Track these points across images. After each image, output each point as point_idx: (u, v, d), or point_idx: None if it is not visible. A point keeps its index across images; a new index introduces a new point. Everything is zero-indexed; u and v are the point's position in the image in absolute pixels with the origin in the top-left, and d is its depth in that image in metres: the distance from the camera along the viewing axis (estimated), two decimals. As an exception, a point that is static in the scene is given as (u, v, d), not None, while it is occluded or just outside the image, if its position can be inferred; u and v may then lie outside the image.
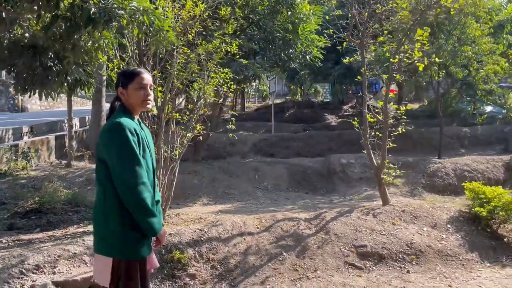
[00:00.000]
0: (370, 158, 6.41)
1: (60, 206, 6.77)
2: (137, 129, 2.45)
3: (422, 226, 5.56)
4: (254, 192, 9.04)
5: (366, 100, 6.53)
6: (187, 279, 4.38)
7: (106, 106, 12.39)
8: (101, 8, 4.14)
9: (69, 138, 10.51)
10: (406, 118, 6.44)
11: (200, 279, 4.43)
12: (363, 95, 6.58)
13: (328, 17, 8.59)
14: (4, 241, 4.93)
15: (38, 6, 4.33)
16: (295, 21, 9.29)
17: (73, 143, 10.78)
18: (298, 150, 14.09)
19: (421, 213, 5.83)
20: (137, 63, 5.76)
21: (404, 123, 6.65)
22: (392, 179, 6.30)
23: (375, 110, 6.52)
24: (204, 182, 8.97)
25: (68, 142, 10.51)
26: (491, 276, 4.58)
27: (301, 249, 4.98)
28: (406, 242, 5.12)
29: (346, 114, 21.01)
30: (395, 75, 6.22)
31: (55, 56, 5.94)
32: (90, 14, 4.13)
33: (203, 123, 7.67)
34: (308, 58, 9.76)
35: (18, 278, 3.60)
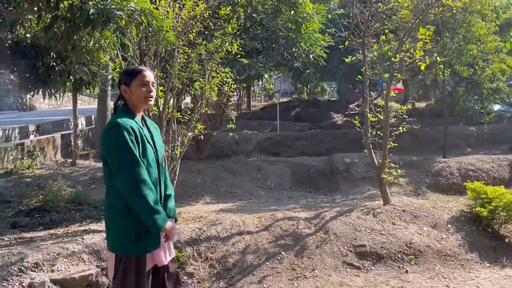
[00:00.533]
0: (371, 158, 6.39)
1: (63, 205, 6.83)
2: (135, 127, 2.49)
3: (422, 226, 5.54)
4: (257, 191, 9.07)
5: (368, 99, 6.50)
6: (185, 278, 4.41)
7: (111, 104, 12.50)
8: (99, 9, 4.18)
9: (74, 137, 10.59)
10: (410, 117, 6.43)
11: (198, 278, 4.46)
12: (365, 94, 6.56)
13: (330, 16, 8.53)
14: (6, 239, 5.00)
15: (38, 7, 4.39)
16: (298, 20, 9.27)
17: (78, 142, 10.87)
18: (303, 149, 14.07)
19: (421, 213, 5.81)
20: (138, 63, 5.81)
21: (405, 122, 6.64)
22: (393, 179, 6.28)
23: (377, 109, 6.50)
24: (207, 181, 9.01)
25: (73, 141, 10.60)
26: (490, 276, 4.55)
27: (299, 248, 4.99)
28: (405, 242, 5.10)
29: (353, 113, 20.93)
30: (396, 74, 6.19)
31: (58, 56, 6.02)
32: (89, 15, 4.18)
33: (205, 123, 7.71)
34: (311, 57, 9.74)
35: (17, 276, 3.65)
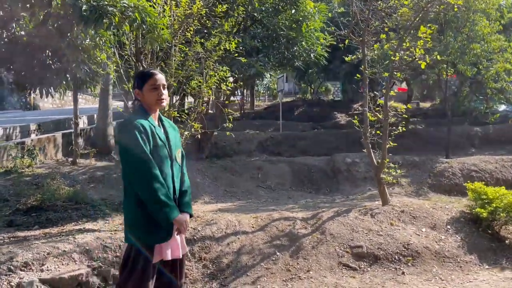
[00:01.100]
0: (370, 157, 6.31)
1: (60, 204, 6.81)
2: (146, 126, 2.63)
3: (421, 227, 5.45)
4: (257, 191, 9.00)
5: (367, 98, 6.42)
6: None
7: (113, 104, 12.49)
8: (92, 5, 4.15)
9: (74, 136, 10.58)
10: (414, 117, 6.36)
11: (190, 278, 4.41)
12: (364, 94, 6.48)
13: (330, 14, 8.46)
14: (0, 237, 4.98)
15: (31, 4, 4.36)
16: (299, 19, 9.20)
17: (79, 141, 10.87)
18: (305, 148, 14.00)
19: (420, 213, 5.72)
20: (134, 61, 5.77)
21: (405, 122, 6.55)
22: (392, 179, 6.19)
23: (376, 108, 6.42)
24: (206, 180, 8.96)
25: (74, 140, 10.59)
26: (488, 278, 4.46)
27: (295, 249, 4.92)
28: (403, 243, 5.02)
29: (356, 112, 20.81)
30: (396, 73, 6.11)
31: (54, 54, 5.99)
32: (82, 11, 4.14)
33: (205, 122, 7.64)
34: (312, 56, 9.66)
35: (5, 275, 3.61)
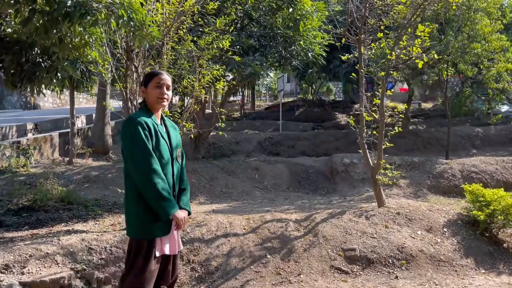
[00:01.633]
0: (366, 158, 6.19)
1: (52, 204, 6.73)
2: (149, 123, 2.74)
3: (417, 229, 5.32)
4: (253, 191, 8.89)
5: (363, 98, 6.30)
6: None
7: (111, 103, 12.40)
8: (77, 1, 4.04)
9: (71, 136, 10.51)
10: (415, 117, 6.23)
11: (178, 282, 4.29)
12: (360, 93, 6.35)
13: (327, 13, 8.34)
14: (-15, 238, 4.89)
15: (15, 0, 4.25)
16: (297, 17, 9.08)
17: (75, 141, 10.78)
18: (304, 149, 13.88)
19: (416, 215, 5.59)
20: (125, 59, 5.67)
21: (400, 122, 6.42)
22: (388, 180, 6.06)
23: (372, 108, 6.30)
24: (202, 181, 8.85)
25: (70, 140, 10.51)
26: (484, 283, 4.33)
27: (286, 251, 4.81)
28: (397, 246, 4.90)
29: (357, 113, 20.67)
30: (392, 72, 5.98)
31: (45, 52, 5.90)
32: (66, 7, 4.04)
33: (201, 121, 7.51)
34: (310, 55, 9.54)
35: (-16, 278, 3.52)
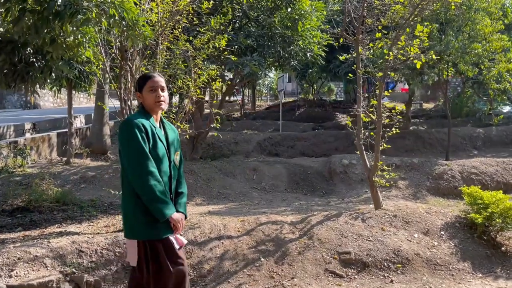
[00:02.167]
0: (363, 159, 6.11)
1: (47, 205, 6.68)
2: (147, 125, 2.72)
3: (413, 232, 5.24)
4: (250, 192, 8.82)
5: (361, 98, 6.22)
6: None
7: (109, 103, 12.36)
8: (67, 0, 3.98)
9: (69, 135, 10.47)
10: (417, 118, 6.15)
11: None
12: (357, 94, 6.28)
13: (325, 12, 8.26)
14: (-24, 240, 4.83)
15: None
16: (295, 17, 9.01)
17: (73, 141, 10.74)
18: (304, 149, 13.82)
19: (413, 218, 5.51)
20: (119, 59, 5.62)
21: (401, 122, 6.35)
22: (385, 182, 5.98)
23: (370, 109, 6.22)
24: (199, 181, 8.79)
25: (68, 139, 10.47)
26: (481, 288, 4.26)
27: (280, 254, 4.74)
28: (393, 250, 4.82)
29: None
30: (390, 73, 5.91)
31: (39, 51, 5.84)
32: (56, 6, 3.99)
33: (199, 121, 7.42)
34: (309, 56, 9.47)
35: (-29, 281, 3.46)
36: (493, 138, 14.52)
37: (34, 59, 5.82)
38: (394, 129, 5.93)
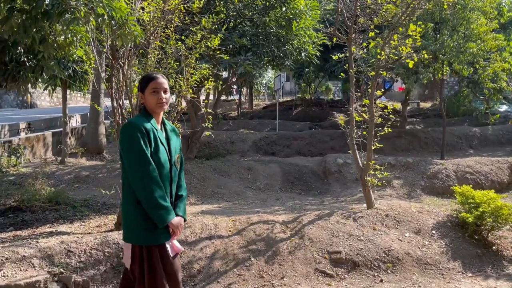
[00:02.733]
0: (356, 159, 6.11)
1: (39, 205, 6.66)
2: (148, 128, 2.68)
3: (405, 231, 5.24)
4: (245, 192, 8.81)
5: (353, 97, 6.22)
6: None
7: (105, 103, 12.33)
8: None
9: (63, 135, 10.44)
10: (413, 117, 6.14)
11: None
12: (350, 93, 6.27)
13: (319, 11, 8.24)
14: (-34, 240, 4.82)
15: (-6, -2, 4.19)
16: (290, 16, 8.99)
17: (68, 140, 10.72)
18: (300, 148, 13.80)
19: (405, 217, 5.51)
20: (110, 59, 5.60)
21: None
22: (377, 182, 5.98)
23: (362, 108, 6.22)
24: (193, 181, 8.77)
25: (62, 139, 10.45)
26: (471, 287, 4.26)
27: (271, 254, 4.73)
28: (383, 249, 4.82)
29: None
30: (382, 72, 5.90)
31: (29, 51, 5.82)
32: (44, 5, 3.97)
33: (192, 121, 7.42)
34: (303, 55, 9.45)
35: (-43, 281, 3.45)
36: (489, 137, 14.53)
37: (25, 59, 5.79)
38: (386, 128, 5.93)
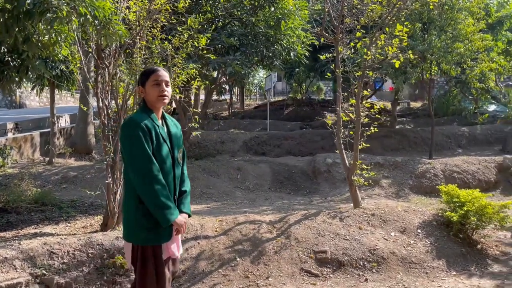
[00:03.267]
0: (342, 158, 6.13)
1: (25, 206, 6.61)
2: (149, 124, 2.62)
3: (390, 231, 5.27)
4: (234, 192, 8.80)
5: (340, 98, 6.24)
6: (129, 286, 4.16)
7: (94, 102, 12.24)
8: (36, -1, 3.93)
9: (51, 135, 10.36)
10: (403, 117, 6.17)
11: (143, 286, 4.20)
12: (337, 93, 6.29)
13: (306, 11, 8.26)
14: None
15: (-26, -2, 4.14)
16: (278, 16, 9.00)
17: (56, 140, 10.64)
18: (290, 148, 13.80)
19: (391, 216, 5.54)
20: (95, 58, 5.56)
21: (376, 123, 6.38)
22: (364, 181, 6.00)
23: (349, 108, 6.24)
24: (182, 181, 8.73)
25: (50, 139, 10.37)
26: (454, 286, 4.28)
27: (257, 254, 4.73)
28: (369, 248, 4.84)
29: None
30: (368, 72, 5.93)
31: (14, 50, 5.76)
32: (26, 5, 3.94)
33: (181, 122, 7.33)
34: (292, 55, 9.46)
35: None
36: (477, 136, 14.64)
37: (9, 58, 5.75)
38: (373, 128, 5.96)
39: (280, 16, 9.03)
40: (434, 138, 12.34)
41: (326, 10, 6.24)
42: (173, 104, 10.13)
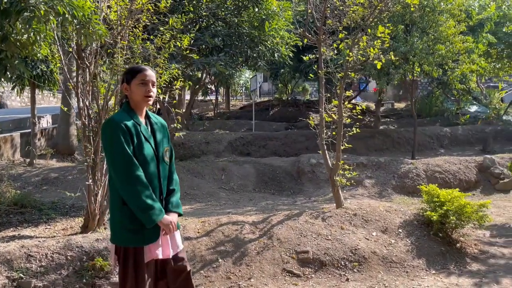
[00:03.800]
0: (325, 159, 6.16)
1: (3, 208, 6.47)
2: (130, 125, 2.57)
3: (372, 230, 5.31)
4: (218, 193, 8.78)
5: (323, 98, 6.27)
6: (109, 288, 4.11)
7: (75, 103, 12.08)
8: (14, -3, 3.86)
9: (32, 136, 10.19)
10: (387, 118, 6.21)
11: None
12: (320, 94, 6.32)
13: (290, 12, 8.30)
14: None
15: (-50, -4, 4.05)
16: (262, 17, 9.01)
17: (40, 141, 10.48)
18: (276, 149, 13.84)
19: (373, 216, 5.58)
20: (76, 58, 5.49)
21: (359, 124, 6.43)
22: (346, 181, 6.04)
23: (332, 109, 6.28)
24: (166, 182, 8.68)
25: (31, 140, 10.20)
26: (433, 285, 4.34)
27: (239, 255, 4.72)
28: (350, 248, 4.87)
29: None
30: (350, 73, 5.97)
31: (-9, 50, 5.65)
32: (2, 4, 3.87)
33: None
34: (276, 56, 9.48)
35: None
36: (459, 137, 14.88)
37: (-13, 58, 5.63)
38: (354, 128, 6.00)
39: (264, 16, 9.04)
40: (417, 138, 12.50)
41: (309, 11, 6.28)
42: (157, 104, 10.07)
